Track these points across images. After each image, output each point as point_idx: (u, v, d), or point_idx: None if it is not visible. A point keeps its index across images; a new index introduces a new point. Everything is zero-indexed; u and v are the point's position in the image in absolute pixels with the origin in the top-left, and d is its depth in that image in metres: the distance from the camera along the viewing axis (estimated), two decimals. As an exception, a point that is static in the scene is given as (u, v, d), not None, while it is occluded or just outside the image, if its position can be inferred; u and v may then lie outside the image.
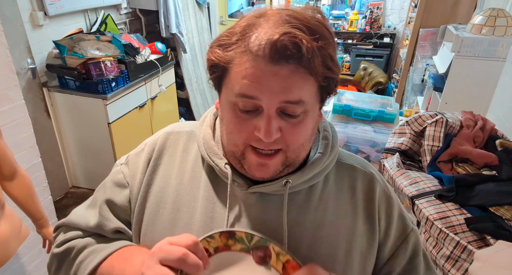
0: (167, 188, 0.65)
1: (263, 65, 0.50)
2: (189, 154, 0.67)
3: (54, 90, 2.56)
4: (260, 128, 0.52)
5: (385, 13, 4.84)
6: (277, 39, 0.48)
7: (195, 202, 0.62)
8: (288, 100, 0.52)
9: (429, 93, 2.64)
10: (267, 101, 0.51)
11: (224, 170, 0.60)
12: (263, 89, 0.51)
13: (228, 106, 0.55)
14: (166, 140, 0.69)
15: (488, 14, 2.11)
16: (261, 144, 0.54)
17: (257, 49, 0.50)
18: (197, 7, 3.88)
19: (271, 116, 0.52)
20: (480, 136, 1.43)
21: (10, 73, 1.50)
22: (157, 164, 0.67)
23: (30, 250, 1.71)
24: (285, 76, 0.50)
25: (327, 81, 0.54)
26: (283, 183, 0.58)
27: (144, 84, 2.91)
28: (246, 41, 0.52)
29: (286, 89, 0.51)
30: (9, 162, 1.20)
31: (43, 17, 2.45)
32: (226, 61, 0.53)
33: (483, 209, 1.14)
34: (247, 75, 0.51)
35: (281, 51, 0.49)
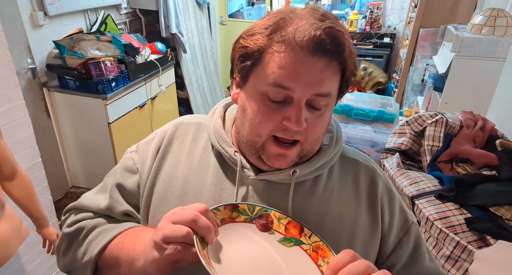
0: (176, 173, 0.66)
1: (301, 56, 0.52)
2: (198, 142, 0.69)
3: (54, 90, 2.56)
4: (290, 118, 0.54)
5: (385, 13, 4.84)
6: (320, 33, 0.51)
7: (203, 187, 0.64)
8: (319, 93, 0.54)
9: (429, 93, 2.64)
10: (300, 92, 0.54)
11: (234, 156, 0.63)
12: (299, 80, 0.53)
13: (256, 95, 0.57)
14: (176, 129, 0.71)
15: (488, 14, 2.11)
16: (287, 133, 0.56)
17: (299, 40, 0.52)
18: (197, 7, 3.88)
19: (301, 106, 0.54)
20: (480, 136, 1.43)
21: (10, 73, 1.50)
22: (166, 152, 0.69)
23: (30, 250, 1.71)
24: (320, 69, 0.53)
25: (350, 77, 0.58)
26: (290, 172, 0.61)
27: (144, 84, 2.91)
28: (283, 32, 0.53)
29: (319, 82, 0.54)
30: (9, 162, 1.20)
31: (43, 17, 2.45)
32: (261, 48, 0.55)
33: (483, 209, 1.14)
34: (285, 66, 0.53)
35: (323, 44, 0.52)
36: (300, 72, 0.53)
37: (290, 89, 0.54)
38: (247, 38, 0.57)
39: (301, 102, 0.54)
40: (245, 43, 0.57)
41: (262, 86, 0.56)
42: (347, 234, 0.63)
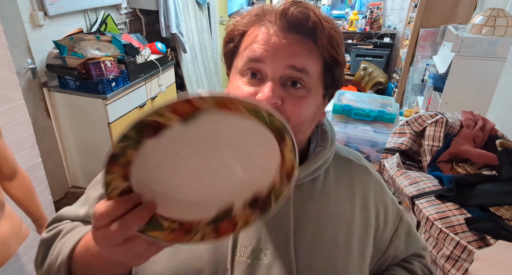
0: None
1: (273, 32, 0.55)
2: None
3: (54, 90, 2.56)
4: (262, 91, 0.53)
5: (385, 13, 4.84)
6: (288, 8, 0.54)
7: None
8: (293, 65, 0.54)
9: (429, 93, 2.64)
10: (272, 65, 0.54)
11: None
12: (269, 52, 0.54)
13: (235, 76, 0.58)
14: None
15: (488, 14, 2.11)
16: None
17: (270, 18, 0.55)
18: (197, 7, 3.88)
19: (274, 81, 0.54)
20: (480, 136, 1.43)
21: (10, 73, 1.50)
22: None
23: (30, 250, 1.71)
24: (292, 43, 0.54)
25: (332, 62, 0.57)
26: None
27: (144, 84, 2.91)
28: (260, 15, 0.57)
29: (292, 55, 0.54)
30: (9, 162, 1.20)
31: (43, 17, 2.45)
32: (242, 32, 0.58)
33: (483, 209, 1.14)
34: (257, 40, 0.55)
35: (292, 20, 0.54)
36: (271, 45, 0.54)
37: (262, 60, 0.54)
38: (236, 22, 0.60)
39: (274, 77, 0.54)
40: (229, 29, 0.60)
41: (240, 65, 0.57)
42: (345, 234, 0.63)
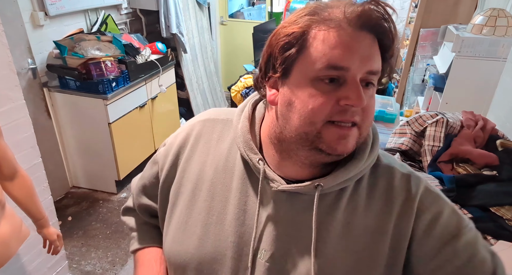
0: (202, 175, 0.66)
1: (350, 32, 0.51)
2: (224, 141, 0.67)
3: (55, 90, 2.56)
4: (349, 96, 0.51)
5: (386, 13, 4.84)
6: (371, 9, 0.51)
7: (228, 192, 0.63)
8: (371, 70, 0.52)
9: (429, 93, 2.64)
10: (355, 68, 0.51)
11: (257, 165, 0.60)
12: (353, 58, 0.51)
13: (305, 83, 0.53)
14: (202, 127, 0.70)
15: (488, 14, 2.11)
16: (345, 115, 0.52)
17: (347, 16, 0.51)
18: (197, 7, 3.88)
19: (358, 83, 0.51)
20: (481, 136, 1.42)
21: (10, 73, 1.50)
22: (193, 151, 0.68)
23: (30, 250, 1.71)
24: (368, 45, 0.52)
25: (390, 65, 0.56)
26: (314, 185, 0.57)
27: (144, 84, 2.91)
28: (325, 12, 0.52)
29: (370, 58, 0.52)
30: (10, 162, 1.20)
31: (43, 17, 2.45)
32: (306, 30, 0.52)
33: (484, 209, 1.14)
34: (337, 44, 0.51)
35: (372, 19, 0.51)
36: (353, 49, 0.51)
37: (345, 68, 0.51)
38: (288, 25, 0.54)
39: (357, 80, 0.51)
40: (287, 30, 0.53)
41: (311, 72, 0.52)
42: (372, 247, 0.58)
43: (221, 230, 0.62)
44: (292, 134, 0.56)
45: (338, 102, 0.52)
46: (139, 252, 0.78)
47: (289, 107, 0.55)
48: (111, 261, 2.27)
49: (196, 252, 0.62)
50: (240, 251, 0.60)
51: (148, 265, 0.74)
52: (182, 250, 0.64)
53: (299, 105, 0.54)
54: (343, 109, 0.52)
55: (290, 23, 0.54)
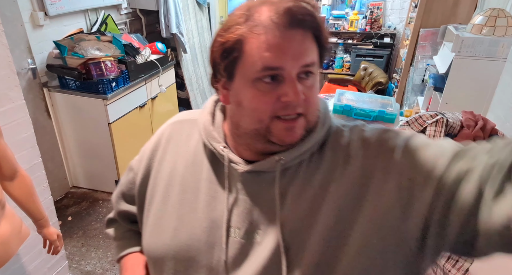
0: (174, 172, 0.70)
1: (280, 33, 0.55)
2: (192, 138, 0.72)
3: (55, 90, 2.56)
4: (288, 93, 0.56)
5: (385, 13, 4.84)
6: (291, 6, 0.55)
7: (199, 183, 0.68)
8: (306, 64, 0.57)
9: (429, 93, 2.64)
10: (290, 67, 0.56)
11: (221, 152, 0.65)
12: (286, 57, 0.55)
13: (248, 85, 0.58)
14: (172, 129, 0.76)
15: (488, 14, 2.11)
16: (288, 109, 0.57)
17: (274, 19, 0.55)
18: (197, 7, 3.88)
19: (294, 80, 0.56)
20: (481, 136, 1.43)
21: (10, 73, 1.50)
22: (164, 153, 0.73)
23: (30, 250, 1.71)
24: (300, 40, 0.56)
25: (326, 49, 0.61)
26: (275, 160, 0.61)
27: (144, 84, 2.91)
28: (256, 16, 0.56)
29: (302, 53, 0.56)
30: (10, 162, 1.20)
31: (43, 17, 2.45)
32: (241, 37, 0.56)
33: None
34: (269, 48, 0.55)
35: (295, 17, 0.55)
36: (285, 49, 0.55)
37: (280, 68, 0.55)
38: (224, 33, 0.58)
39: (293, 77, 0.56)
40: (223, 38, 0.58)
41: (251, 74, 0.57)
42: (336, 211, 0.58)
43: (194, 218, 0.65)
44: (246, 131, 0.62)
45: (280, 99, 0.57)
46: (123, 259, 0.81)
47: (239, 107, 0.61)
48: (111, 261, 2.27)
49: (172, 242, 0.65)
50: (213, 234, 0.63)
51: (132, 270, 0.76)
52: (159, 242, 0.67)
53: (246, 105, 0.59)
54: (285, 105, 0.57)
55: (224, 31, 0.59)
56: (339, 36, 4.95)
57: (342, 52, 5.02)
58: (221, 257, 0.62)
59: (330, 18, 4.88)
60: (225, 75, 0.61)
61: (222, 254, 0.62)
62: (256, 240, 0.61)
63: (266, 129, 0.59)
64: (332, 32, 4.87)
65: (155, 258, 0.68)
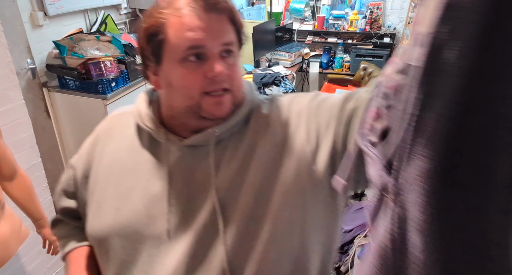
0: (115, 160, 0.74)
1: (199, 15, 0.62)
2: (129, 127, 0.77)
3: (54, 90, 2.56)
4: (212, 68, 0.63)
5: (385, 13, 4.85)
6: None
7: (139, 165, 0.72)
8: (225, 42, 0.65)
9: (429, 93, 2.64)
10: (211, 45, 0.63)
11: (158, 132, 0.71)
12: (207, 36, 0.62)
13: (176, 65, 0.64)
14: (109, 122, 0.81)
15: (488, 14, 2.11)
16: (214, 85, 0.65)
17: (192, 4, 0.62)
18: (197, 7, 3.88)
19: (216, 56, 0.64)
20: (480, 136, 1.43)
21: (10, 73, 1.49)
22: (104, 143, 0.77)
23: (30, 250, 1.71)
24: (216, 21, 0.64)
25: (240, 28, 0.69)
26: (209, 133, 0.68)
27: (144, 84, 2.91)
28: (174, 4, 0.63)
29: (222, 32, 0.64)
30: (9, 162, 1.20)
31: (43, 17, 2.45)
32: (164, 20, 0.63)
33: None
34: (191, 28, 0.62)
35: (209, 1, 0.63)
36: (204, 29, 0.62)
37: (202, 46, 0.62)
38: (147, 20, 0.65)
39: (215, 53, 0.63)
40: (147, 24, 0.65)
41: (177, 54, 0.63)
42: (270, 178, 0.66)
43: (135, 196, 0.70)
44: (180, 109, 0.68)
45: (206, 76, 0.63)
46: (68, 256, 0.82)
47: (170, 88, 0.67)
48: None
49: (115, 221, 0.69)
50: (155, 208, 0.68)
51: (76, 262, 0.79)
52: (102, 223, 0.71)
53: (176, 84, 0.66)
54: (212, 81, 0.64)
55: (148, 17, 0.66)
56: (338, 36, 4.95)
57: (341, 52, 5.02)
58: (164, 226, 0.67)
59: (330, 18, 4.88)
60: (153, 59, 0.67)
61: (165, 224, 0.67)
62: (196, 206, 0.67)
63: (197, 105, 0.66)
64: (332, 32, 4.87)
65: (100, 239, 0.71)
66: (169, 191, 0.68)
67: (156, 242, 0.67)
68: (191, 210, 0.67)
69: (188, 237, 0.65)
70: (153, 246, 0.67)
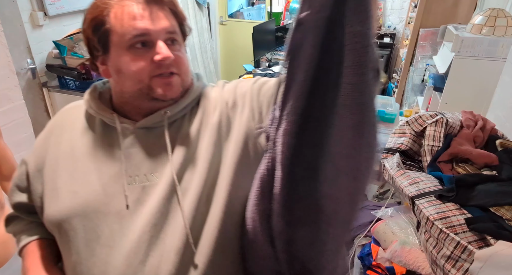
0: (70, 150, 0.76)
1: (144, 5, 0.68)
2: (81, 118, 0.80)
3: (54, 90, 2.56)
4: (158, 52, 0.68)
5: (385, 13, 4.85)
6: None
7: (93, 150, 0.75)
8: (170, 30, 0.70)
9: (429, 93, 2.64)
10: (155, 33, 0.68)
11: (111, 117, 0.75)
12: (151, 23, 0.68)
13: (124, 52, 0.69)
14: (61, 117, 0.84)
15: (488, 14, 2.11)
16: (162, 68, 0.69)
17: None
18: (197, 7, 3.88)
19: (162, 43, 0.69)
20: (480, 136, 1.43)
21: (10, 73, 1.50)
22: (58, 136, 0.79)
23: (30, 250, 1.70)
24: (158, 11, 0.69)
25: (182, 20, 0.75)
26: (161, 114, 0.73)
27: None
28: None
29: (163, 21, 0.69)
30: (9, 162, 1.20)
31: (43, 17, 2.45)
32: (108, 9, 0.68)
33: (483, 209, 1.14)
34: (135, 16, 0.67)
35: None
36: (148, 17, 0.67)
37: (148, 34, 0.67)
38: (93, 11, 0.70)
39: (160, 39, 0.69)
40: (93, 15, 0.70)
41: (124, 42, 0.68)
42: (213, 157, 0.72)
43: (92, 178, 0.72)
44: (131, 94, 0.72)
45: (153, 60, 0.68)
46: (24, 250, 0.83)
47: (120, 74, 0.71)
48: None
49: (73, 203, 0.71)
50: (113, 186, 0.71)
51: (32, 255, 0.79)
52: (60, 207, 0.72)
53: (126, 70, 0.69)
54: (159, 65, 0.69)
55: (93, 8, 0.70)
56: (338, 36, 4.95)
57: (341, 52, 5.02)
58: (123, 202, 0.70)
59: (329, 18, 4.88)
60: (101, 49, 0.71)
61: (124, 200, 0.70)
62: (154, 181, 0.71)
63: (148, 88, 0.70)
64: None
65: (60, 222, 0.71)
66: (126, 170, 0.71)
67: (116, 217, 0.69)
68: (151, 185, 0.71)
69: (147, 209, 0.69)
70: (114, 222, 0.69)
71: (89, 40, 0.72)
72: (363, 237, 1.50)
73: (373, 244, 1.36)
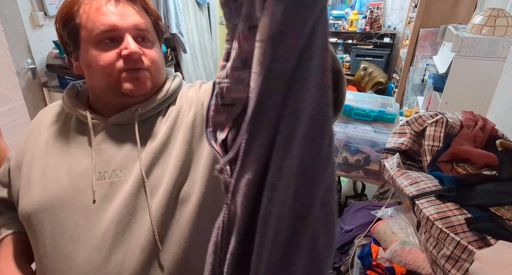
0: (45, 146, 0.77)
1: (114, 1, 0.70)
2: (58, 115, 0.82)
3: (54, 90, 2.56)
4: (126, 47, 0.69)
5: (385, 13, 4.85)
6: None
7: (66, 147, 0.76)
8: (139, 27, 0.71)
9: (429, 93, 2.64)
10: (123, 29, 0.70)
11: (84, 114, 0.76)
12: (120, 19, 0.69)
13: (93, 47, 0.70)
14: (41, 116, 0.85)
15: (488, 14, 2.11)
16: (130, 63, 0.70)
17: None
18: (197, 7, 3.88)
19: (131, 39, 0.70)
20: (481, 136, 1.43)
21: (10, 73, 1.50)
22: (37, 134, 0.80)
23: (30, 250, 1.71)
24: (128, 7, 0.71)
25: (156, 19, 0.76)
26: (133, 110, 0.74)
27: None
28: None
29: (132, 17, 0.71)
30: (9, 162, 1.20)
31: (43, 17, 2.45)
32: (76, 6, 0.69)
33: (484, 209, 1.14)
34: (103, 13, 0.69)
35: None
36: (117, 13, 0.69)
37: (116, 30, 0.69)
38: (63, 7, 0.71)
39: (128, 35, 0.70)
40: (63, 11, 0.71)
41: (92, 38, 0.69)
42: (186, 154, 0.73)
43: (61, 173, 0.73)
44: (102, 89, 0.74)
45: (121, 55, 0.70)
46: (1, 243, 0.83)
47: (90, 69, 0.73)
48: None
49: (42, 197, 0.71)
50: (82, 181, 0.71)
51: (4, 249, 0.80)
52: (30, 201, 0.72)
53: (94, 65, 0.71)
54: (128, 59, 0.70)
55: (65, 5, 0.71)
56: (339, 36, 4.95)
57: (342, 52, 5.02)
58: (90, 198, 0.70)
59: (330, 18, 4.88)
60: (71, 45, 0.73)
61: (91, 196, 0.70)
62: (123, 177, 0.71)
63: (116, 82, 0.71)
64: (332, 32, 4.87)
65: (29, 215, 0.72)
66: (95, 165, 0.72)
67: (83, 213, 0.69)
68: (120, 180, 0.71)
69: (114, 205, 0.69)
70: (80, 217, 0.69)
71: (61, 36, 0.74)
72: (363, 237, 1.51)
73: (373, 244, 1.36)
